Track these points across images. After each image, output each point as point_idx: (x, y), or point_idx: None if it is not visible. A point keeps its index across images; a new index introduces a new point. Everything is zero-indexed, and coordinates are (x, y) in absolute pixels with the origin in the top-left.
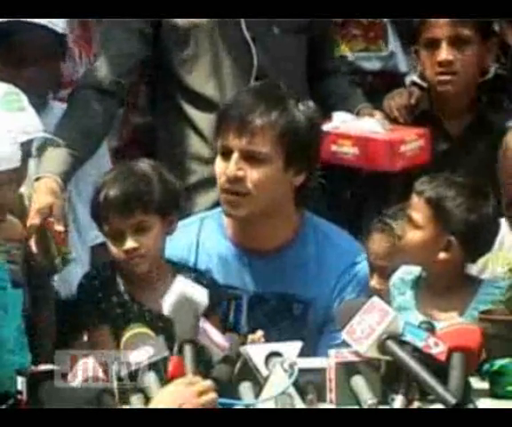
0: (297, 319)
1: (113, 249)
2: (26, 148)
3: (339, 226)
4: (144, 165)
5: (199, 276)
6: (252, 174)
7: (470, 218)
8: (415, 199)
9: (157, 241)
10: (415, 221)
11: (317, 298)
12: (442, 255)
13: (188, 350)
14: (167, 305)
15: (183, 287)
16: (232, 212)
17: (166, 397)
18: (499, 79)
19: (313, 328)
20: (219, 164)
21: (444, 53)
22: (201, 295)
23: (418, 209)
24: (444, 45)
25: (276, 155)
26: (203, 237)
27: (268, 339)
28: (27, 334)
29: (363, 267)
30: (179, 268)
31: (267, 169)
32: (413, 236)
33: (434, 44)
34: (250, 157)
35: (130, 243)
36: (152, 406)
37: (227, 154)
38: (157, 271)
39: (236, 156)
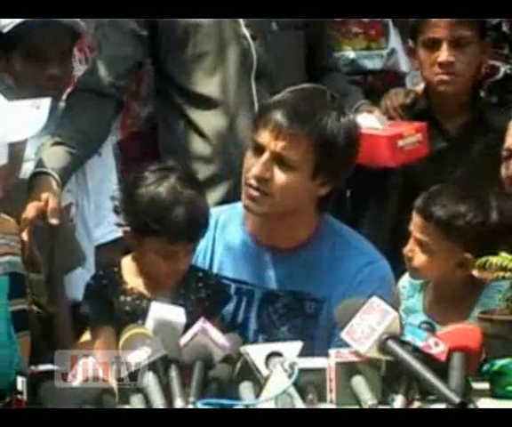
0: (309, 318)
1: (159, 263)
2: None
3: None
4: (192, 192)
5: (206, 276)
6: (279, 178)
7: (483, 230)
8: (420, 220)
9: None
10: (425, 245)
11: (331, 297)
12: (458, 272)
13: (173, 369)
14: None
15: (159, 312)
16: (252, 206)
17: None
18: (508, 80)
19: (325, 328)
20: (249, 157)
21: (445, 54)
22: (177, 315)
23: (427, 232)
24: (444, 46)
25: (305, 163)
26: (219, 231)
27: (279, 337)
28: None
29: (378, 268)
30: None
31: (294, 175)
32: (426, 260)
33: (434, 44)
34: (280, 161)
35: (181, 265)
36: None
37: (259, 151)
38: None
39: (266, 156)
